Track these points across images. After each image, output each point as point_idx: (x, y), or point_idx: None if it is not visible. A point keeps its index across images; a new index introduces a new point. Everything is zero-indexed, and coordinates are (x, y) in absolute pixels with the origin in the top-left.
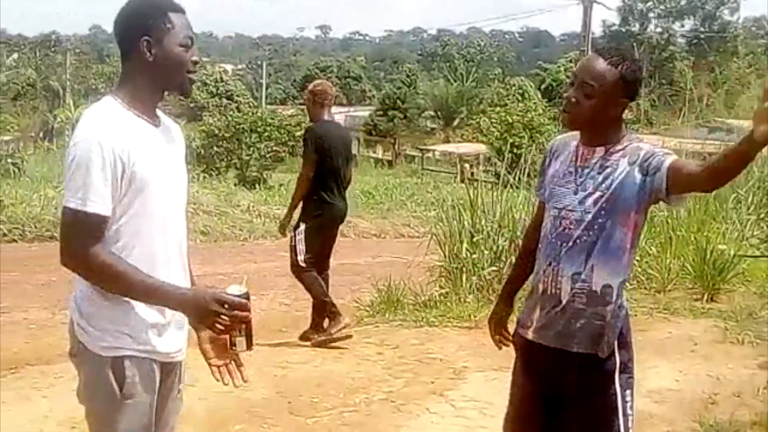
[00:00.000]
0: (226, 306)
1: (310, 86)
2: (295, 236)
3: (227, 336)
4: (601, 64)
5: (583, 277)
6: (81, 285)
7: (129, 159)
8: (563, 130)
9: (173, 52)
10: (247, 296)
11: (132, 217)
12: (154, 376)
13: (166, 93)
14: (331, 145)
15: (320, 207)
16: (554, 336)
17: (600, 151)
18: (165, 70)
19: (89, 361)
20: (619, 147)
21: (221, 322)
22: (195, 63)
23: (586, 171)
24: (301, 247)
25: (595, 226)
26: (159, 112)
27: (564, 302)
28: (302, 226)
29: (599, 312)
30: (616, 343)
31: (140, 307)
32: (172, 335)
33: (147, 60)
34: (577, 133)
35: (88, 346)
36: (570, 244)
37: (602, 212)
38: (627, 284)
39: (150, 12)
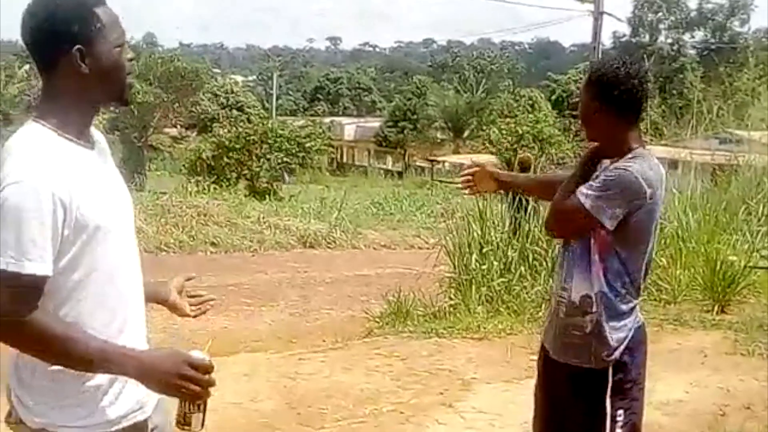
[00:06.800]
0: (196, 369)
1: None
2: None
3: (183, 409)
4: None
5: (565, 286)
6: None
7: (72, 202)
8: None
9: (110, 57)
10: (211, 365)
11: (82, 276)
12: None
13: (102, 107)
14: None
15: None
16: (550, 346)
17: (605, 163)
18: (103, 81)
19: None
20: (618, 163)
21: (189, 388)
22: (131, 61)
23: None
24: None
25: (577, 236)
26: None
27: (555, 312)
28: None
29: (577, 323)
30: (611, 361)
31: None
32: (128, 393)
33: (80, 73)
34: None
35: (24, 420)
36: (565, 253)
37: None
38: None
39: (76, 13)
